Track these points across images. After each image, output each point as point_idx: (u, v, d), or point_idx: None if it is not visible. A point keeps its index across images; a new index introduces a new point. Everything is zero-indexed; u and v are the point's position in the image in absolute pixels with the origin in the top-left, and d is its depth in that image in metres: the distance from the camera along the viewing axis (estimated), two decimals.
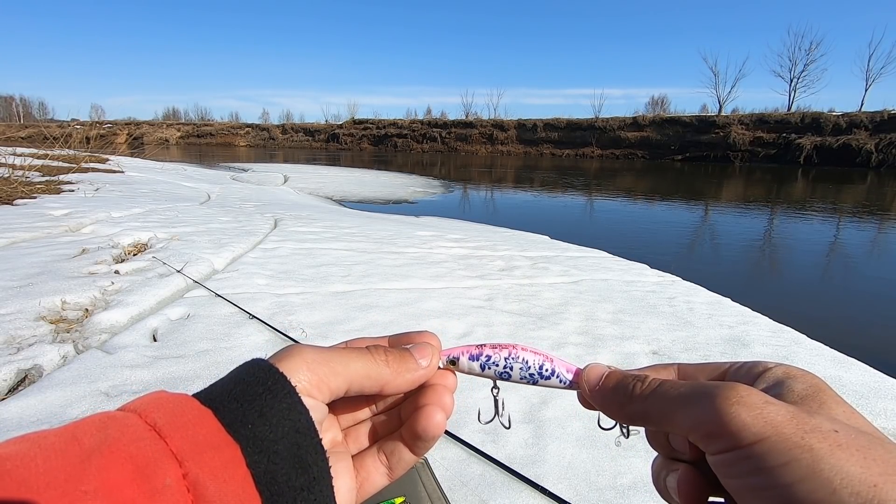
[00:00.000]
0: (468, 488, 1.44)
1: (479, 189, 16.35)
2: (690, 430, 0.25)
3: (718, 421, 0.23)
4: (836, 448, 0.20)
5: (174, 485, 0.20)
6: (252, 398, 0.24)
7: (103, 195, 7.22)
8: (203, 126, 64.42)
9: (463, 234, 6.17)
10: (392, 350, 0.31)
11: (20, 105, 78.15)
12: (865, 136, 30.86)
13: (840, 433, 0.21)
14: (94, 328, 2.42)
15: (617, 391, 0.29)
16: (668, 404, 0.26)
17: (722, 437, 0.23)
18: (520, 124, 46.69)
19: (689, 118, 39.11)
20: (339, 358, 0.28)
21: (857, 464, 0.20)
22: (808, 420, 0.22)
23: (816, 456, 0.20)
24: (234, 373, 0.26)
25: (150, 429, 0.21)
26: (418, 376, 0.31)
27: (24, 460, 0.18)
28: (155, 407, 0.23)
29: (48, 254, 3.56)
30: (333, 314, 2.82)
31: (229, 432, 0.23)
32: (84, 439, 0.20)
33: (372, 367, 0.29)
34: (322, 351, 0.28)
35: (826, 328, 3.71)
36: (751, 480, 0.22)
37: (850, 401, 2.18)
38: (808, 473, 0.20)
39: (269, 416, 0.23)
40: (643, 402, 0.27)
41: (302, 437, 0.24)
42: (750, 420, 0.22)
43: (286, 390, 0.24)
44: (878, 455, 0.20)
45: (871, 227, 9.87)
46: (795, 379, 0.26)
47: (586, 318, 3.04)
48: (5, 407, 1.70)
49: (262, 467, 0.22)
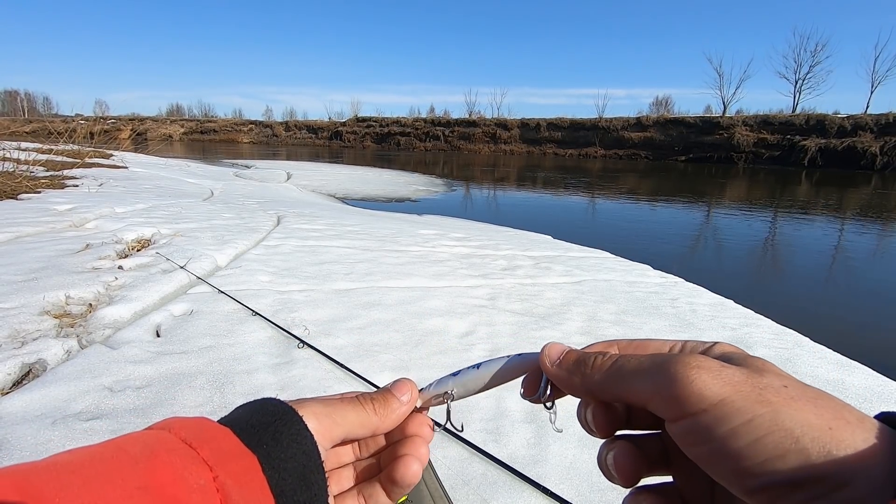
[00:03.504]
0: (470, 487, 1.44)
1: (482, 188, 16.34)
2: (652, 396, 0.25)
3: (681, 383, 0.24)
4: (791, 401, 0.22)
5: (207, 485, 0.24)
6: (266, 425, 0.28)
7: (107, 191, 7.24)
8: (206, 122, 64.52)
9: (465, 233, 6.16)
10: (376, 395, 0.35)
11: (25, 100, 78.40)
12: (870, 138, 30.72)
13: (789, 388, 0.23)
14: (97, 323, 2.43)
15: (578, 365, 0.30)
16: (629, 375, 0.27)
17: (686, 399, 0.24)
18: (523, 124, 46.65)
19: (693, 119, 39.02)
20: (338, 411, 0.32)
21: (812, 412, 0.22)
22: (760, 379, 0.24)
23: (775, 409, 0.22)
24: (248, 405, 0.30)
25: (181, 441, 0.26)
26: (402, 413, 0.35)
27: (83, 463, 0.22)
28: (181, 426, 0.27)
29: (52, 248, 3.57)
30: (336, 312, 2.82)
31: (247, 446, 0.27)
32: (129, 449, 0.24)
33: (364, 417, 0.33)
34: (325, 404, 0.32)
35: (829, 331, 3.70)
36: (717, 445, 0.23)
37: (853, 404, 2.18)
38: (772, 426, 0.22)
39: (280, 440, 0.27)
40: (603, 374, 0.28)
41: (307, 459, 0.28)
42: (710, 380, 0.23)
43: (295, 420, 0.29)
44: (826, 403, 0.22)
45: (874, 229, 9.83)
46: (732, 352, 0.29)
47: (589, 318, 3.04)
48: (10, 401, 1.71)
49: (273, 481, 0.26)
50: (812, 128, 33.62)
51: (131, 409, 1.73)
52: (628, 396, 0.27)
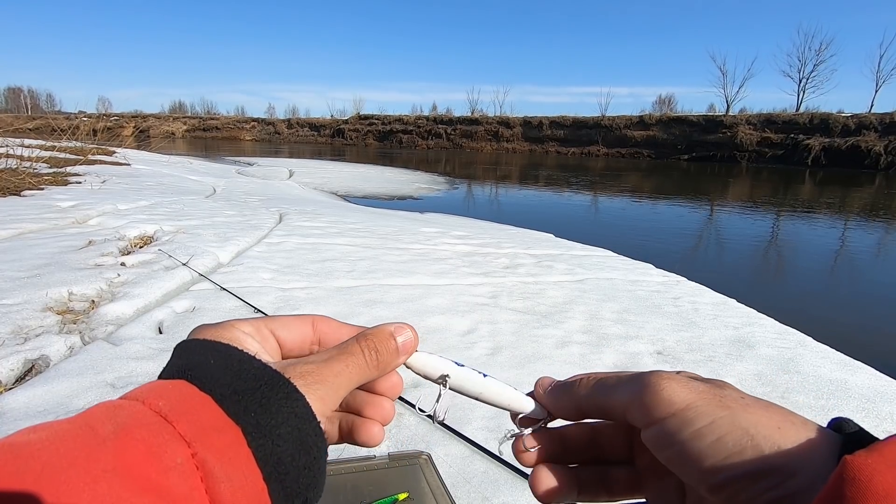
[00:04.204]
0: (471, 485, 1.44)
1: (484, 186, 16.32)
2: (629, 404, 0.29)
3: (652, 390, 0.28)
4: (747, 407, 0.26)
5: (184, 463, 0.22)
6: (252, 391, 0.25)
7: (110, 187, 7.25)
8: (209, 120, 64.62)
9: (467, 231, 6.16)
10: (372, 338, 0.31)
11: (28, 96, 78.60)
12: (874, 137, 30.57)
13: (746, 399, 0.27)
14: (100, 319, 2.43)
15: (566, 389, 0.33)
16: (609, 390, 0.30)
17: (656, 405, 0.27)
18: (525, 122, 46.56)
19: (697, 118, 38.87)
20: (332, 372, 0.29)
21: (764, 416, 0.25)
22: (721, 391, 0.27)
23: (733, 412, 0.25)
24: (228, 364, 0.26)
25: (156, 414, 0.23)
26: (397, 364, 0.32)
27: (45, 444, 0.20)
28: (157, 395, 0.24)
29: (55, 245, 3.58)
30: (338, 309, 2.82)
31: (231, 417, 0.24)
32: (97, 426, 0.22)
33: (362, 371, 0.30)
34: (316, 366, 0.29)
35: (832, 331, 3.69)
36: (684, 446, 0.26)
37: (856, 404, 2.17)
38: (731, 427, 0.25)
39: (269, 406, 0.25)
40: (589, 389, 0.32)
41: (301, 422, 0.26)
42: (678, 388, 0.27)
43: (282, 383, 0.26)
44: (776, 409, 0.26)
45: (878, 229, 9.79)
46: (699, 377, 0.31)
47: (591, 316, 3.03)
48: (13, 396, 1.72)
49: (267, 449, 0.24)
50: (816, 127, 33.46)
51: None
52: (610, 406, 0.30)
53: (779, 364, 2.54)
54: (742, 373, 2.41)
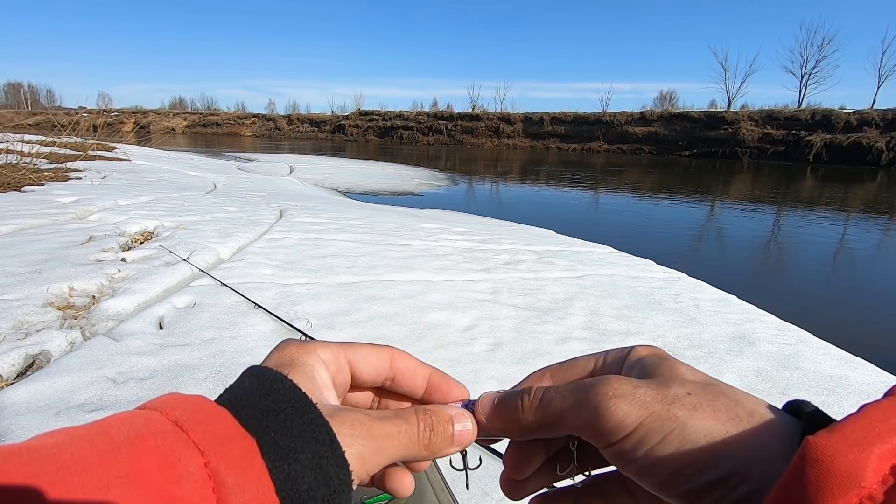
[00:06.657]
0: (471, 480, 1.45)
1: (485, 182, 16.30)
2: (581, 430, 0.28)
3: (602, 417, 0.26)
4: (694, 411, 0.25)
5: (197, 472, 0.22)
6: (275, 412, 0.25)
7: (110, 183, 7.25)
8: (209, 115, 64.47)
9: (468, 227, 6.16)
10: (431, 417, 0.29)
11: (28, 92, 78.45)
12: (876, 134, 30.46)
13: (692, 394, 0.26)
14: (101, 315, 2.44)
15: (508, 410, 0.30)
16: (556, 411, 0.29)
17: (608, 431, 0.26)
18: (526, 118, 46.41)
19: (698, 114, 38.72)
20: (385, 435, 0.27)
21: (711, 418, 0.25)
22: (668, 392, 0.26)
23: (682, 423, 0.25)
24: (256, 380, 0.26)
25: (172, 423, 0.23)
26: (450, 453, 0.30)
27: (61, 448, 0.20)
28: (174, 406, 0.24)
29: (56, 240, 3.58)
30: (338, 305, 2.83)
31: (246, 429, 0.24)
32: (112, 432, 0.22)
33: (412, 449, 0.28)
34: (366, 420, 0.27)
35: (833, 327, 3.69)
36: (642, 463, 0.26)
37: (856, 400, 2.17)
38: (681, 441, 0.25)
39: (290, 428, 0.24)
40: (534, 414, 0.29)
41: (322, 448, 0.24)
42: (627, 408, 0.26)
43: (309, 408, 0.25)
44: (721, 405, 0.25)
45: (880, 226, 9.77)
46: (646, 356, 0.31)
47: (591, 313, 3.03)
48: (14, 391, 1.72)
49: (283, 473, 0.23)
50: (818, 123, 33.33)
51: (134, 400, 1.74)
52: (562, 432, 0.29)
53: (779, 360, 2.54)
54: (742, 369, 2.42)
